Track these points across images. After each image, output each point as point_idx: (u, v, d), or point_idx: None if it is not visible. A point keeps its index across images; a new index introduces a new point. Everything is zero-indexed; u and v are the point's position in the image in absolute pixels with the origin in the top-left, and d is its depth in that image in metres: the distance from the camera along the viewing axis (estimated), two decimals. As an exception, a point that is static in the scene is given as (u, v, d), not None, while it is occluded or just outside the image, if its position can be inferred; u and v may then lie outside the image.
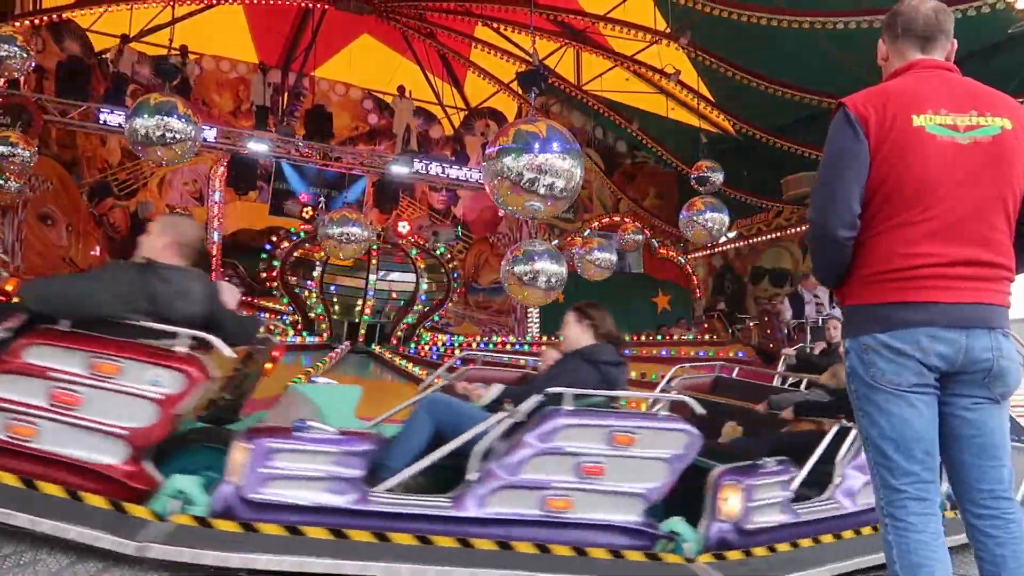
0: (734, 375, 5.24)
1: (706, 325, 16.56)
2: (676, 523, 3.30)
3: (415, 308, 13.94)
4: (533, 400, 3.21)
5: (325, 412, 3.90)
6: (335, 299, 13.77)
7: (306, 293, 13.77)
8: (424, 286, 13.97)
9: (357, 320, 13.70)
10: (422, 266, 14.20)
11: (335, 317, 13.68)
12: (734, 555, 3.24)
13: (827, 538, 3.61)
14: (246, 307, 14.41)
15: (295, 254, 13.77)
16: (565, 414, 3.13)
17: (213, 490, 2.92)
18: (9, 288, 4.45)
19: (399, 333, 13.91)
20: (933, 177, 1.97)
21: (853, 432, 3.62)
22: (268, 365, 4.31)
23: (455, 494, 3.09)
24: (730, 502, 3.27)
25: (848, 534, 3.67)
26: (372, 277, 13.69)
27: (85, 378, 2.91)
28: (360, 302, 13.61)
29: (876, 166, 2.01)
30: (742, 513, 3.28)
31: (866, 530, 3.72)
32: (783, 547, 3.41)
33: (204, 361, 3.03)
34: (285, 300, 13.96)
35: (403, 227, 15.13)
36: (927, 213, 1.97)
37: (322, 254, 13.05)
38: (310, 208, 15.37)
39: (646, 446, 3.18)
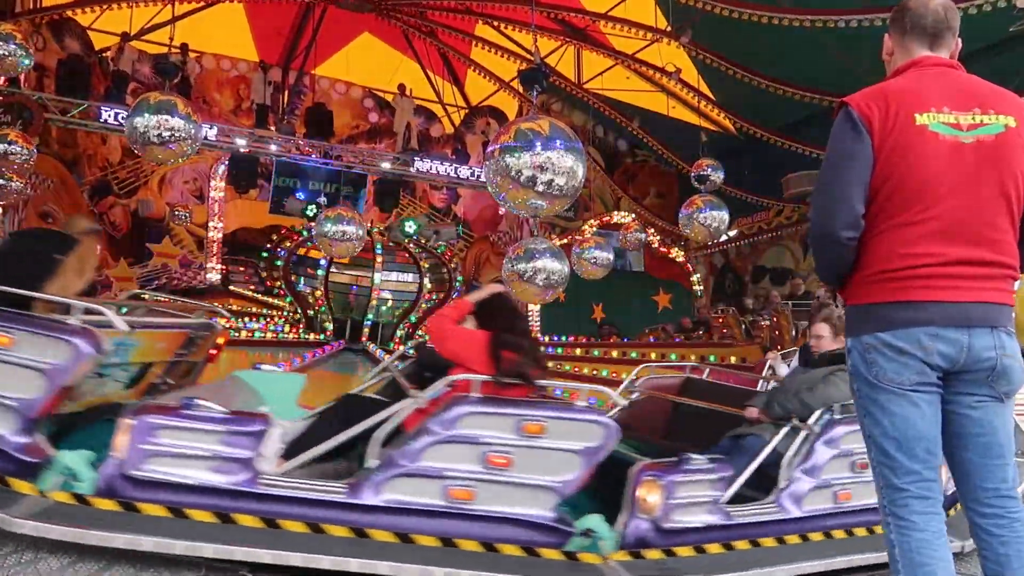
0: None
1: (720, 320, 16.02)
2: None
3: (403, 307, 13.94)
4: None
5: (267, 399, 3.88)
6: (352, 298, 13.77)
7: (311, 292, 13.75)
8: (428, 284, 13.97)
9: (360, 319, 13.68)
10: (425, 265, 14.22)
11: (337, 316, 13.68)
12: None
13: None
14: (256, 304, 14.52)
15: (298, 252, 13.77)
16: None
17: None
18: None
19: (400, 332, 13.90)
20: (935, 176, 1.95)
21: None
22: (212, 351, 4.36)
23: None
24: None
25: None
26: (378, 276, 13.69)
27: None
28: (361, 301, 13.62)
29: (879, 165, 1.99)
30: None
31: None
32: None
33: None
34: (288, 299, 13.94)
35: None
36: (928, 212, 1.95)
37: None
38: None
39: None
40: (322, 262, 13.46)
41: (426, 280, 14.05)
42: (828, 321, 4.07)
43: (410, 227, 14.53)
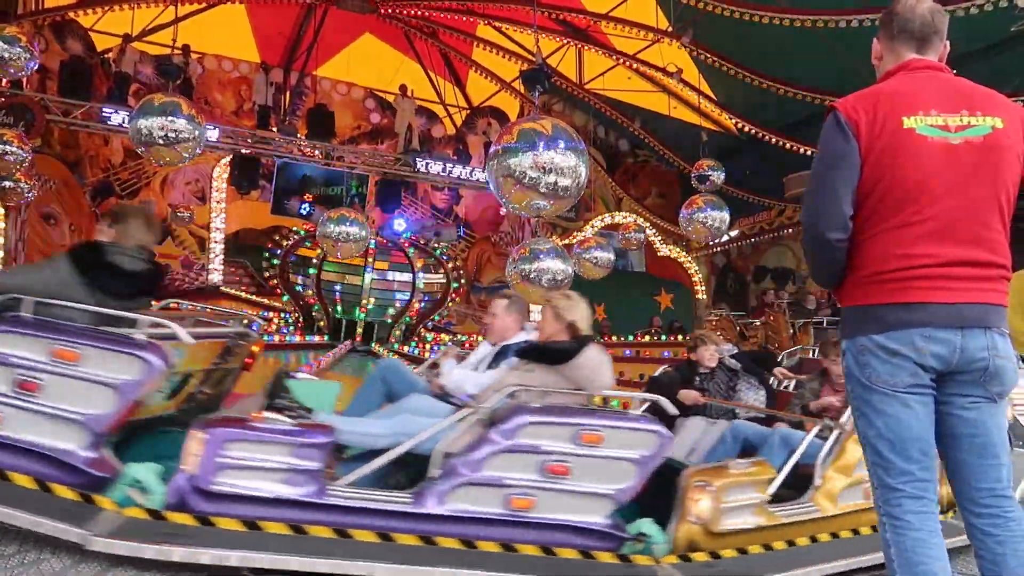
0: None
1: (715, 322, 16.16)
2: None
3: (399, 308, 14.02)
4: None
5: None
6: (336, 298, 13.81)
7: (309, 292, 13.81)
8: (421, 285, 14.00)
9: (356, 319, 13.74)
10: (419, 265, 14.26)
11: (337, 316, 13.70)
12: None
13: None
14: (250, 305, 14.55)
15: (296, 252, 13.81)
16: None
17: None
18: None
19: (396, 332, 13.93)
20: (925, 178, 1.98)
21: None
22: (248, 359, 4.32)
23: None
24: None
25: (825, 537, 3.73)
26: (368, 276, 13.75)
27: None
28: (362, 301, 13.68)
29: (868, 169, 2.02)
30: None
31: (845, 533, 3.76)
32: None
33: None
34: (285, 298, 13.99)
35: (399, 224, 15.29)
36: (921, 214, 1.98)
37: (319, 252, 13.08)
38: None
39: None
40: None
41: (419, 280, 14.10)
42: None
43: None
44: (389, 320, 14.04)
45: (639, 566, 3.08)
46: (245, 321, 4.51)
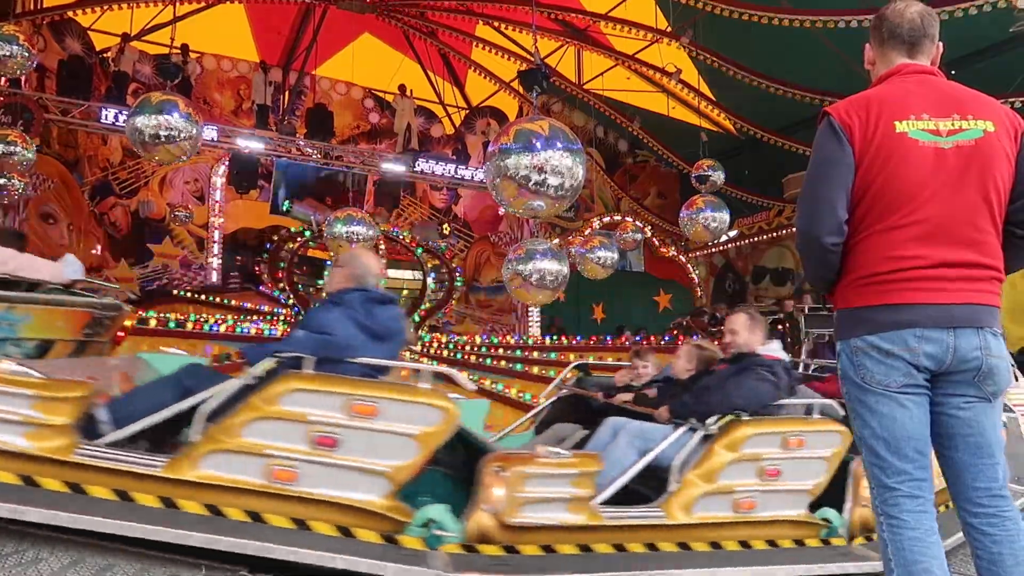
0: None
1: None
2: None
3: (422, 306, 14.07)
4: None
5: None
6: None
7: (312, 292, 13.81)
8: (433, 286, 14.07)
9: None
10: (429, 266, 14.32)
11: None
12: None
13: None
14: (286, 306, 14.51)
15: (300, 253, 13.82)
16: None
17: None
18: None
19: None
20: (917, 182, 2.00)
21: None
22: (120, 334, 4.33)
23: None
24: None
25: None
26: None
27: None
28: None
29: (861, 173, 2.05)
30: None
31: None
32: None
33: None
34: (289, 301, 13.97)
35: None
36: (912, 217, 2.00)
37: (330, 254, 13.10)
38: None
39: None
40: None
41: (429, 280, 14.17)
42: None
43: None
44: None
45: (405, 549, 2.87)
46: (123, 299, 4.46)
